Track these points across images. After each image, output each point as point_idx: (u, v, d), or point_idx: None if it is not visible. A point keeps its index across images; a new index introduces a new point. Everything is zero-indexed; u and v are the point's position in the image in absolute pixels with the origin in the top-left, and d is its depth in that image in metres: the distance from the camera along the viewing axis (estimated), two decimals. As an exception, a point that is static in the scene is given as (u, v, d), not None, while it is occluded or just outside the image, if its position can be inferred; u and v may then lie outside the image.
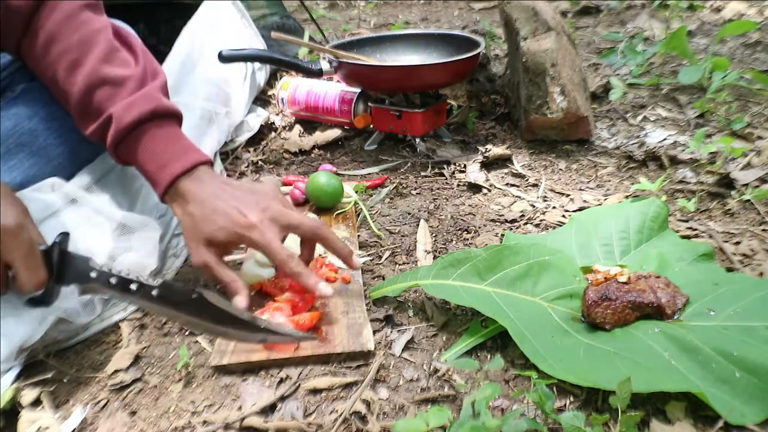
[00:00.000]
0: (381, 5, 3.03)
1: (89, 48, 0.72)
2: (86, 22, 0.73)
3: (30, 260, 0.60)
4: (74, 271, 0.63)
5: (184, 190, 0.70)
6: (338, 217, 0.96)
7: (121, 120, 0.70)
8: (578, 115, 1.15)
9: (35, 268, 0.60)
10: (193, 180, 0.71)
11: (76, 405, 0.61)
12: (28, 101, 0.77)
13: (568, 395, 0.58)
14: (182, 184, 0.70)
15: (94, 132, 0.72)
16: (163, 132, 0.72)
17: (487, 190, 1.05)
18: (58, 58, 0.72)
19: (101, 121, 0.71)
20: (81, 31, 0.72)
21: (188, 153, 0.72)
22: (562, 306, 0.66)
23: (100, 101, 0.71)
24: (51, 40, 0.72)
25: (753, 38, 1.86)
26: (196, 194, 0.70)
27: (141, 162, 0.72)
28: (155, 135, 0.71)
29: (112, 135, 0.71)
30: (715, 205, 0.95)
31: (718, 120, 1.26)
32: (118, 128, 0.70)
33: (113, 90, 0.71)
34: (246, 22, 1.36)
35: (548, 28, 1.18)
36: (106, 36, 0.74)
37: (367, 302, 0.74)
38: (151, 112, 0.71)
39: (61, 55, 0.72)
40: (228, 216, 0.68)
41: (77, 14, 0.73)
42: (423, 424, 0.52)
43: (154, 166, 0.71)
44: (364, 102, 1.26)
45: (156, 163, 0.71)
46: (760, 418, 0.52)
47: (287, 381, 0.62)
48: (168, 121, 0.73)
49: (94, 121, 0.72)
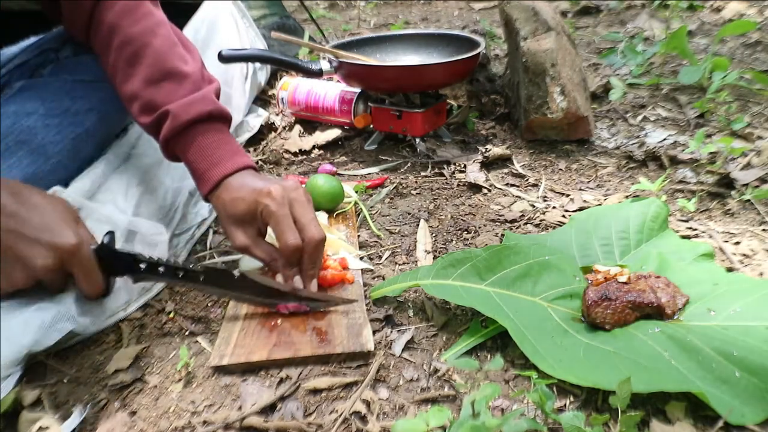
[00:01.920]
0: (381, 5, 3.03)
1: (150, 40, 0.74)
2: (146, 15, 0.76)
3: (90, 273, 0.64)
4: (125, 265, 0.68)
5: (226, 184, 0.72)
6: (338, 217, 0.96)
7: (179, 117, 0.72)
8: (578, 115, 1.15)
9: (94, 279, 0.65)
10: (235, 177, 0.73)
11: (76, 405, 0.60)
12: (27, 99, 0.77)
13: (568, 395, 0.58)
14: (227, 181, 0.73)
15: (149, 125, 0.75)
16: (216, 133, 0.74)
17: (487, 190, 1.05)
18: (120, 50, 0.74)
19: (158, 115, 0.73)
20: (142, 23, 0.75)
21: (237, 156, 0.74)
22: (562, 306, 0.66)
23: (158, 95, 0.73)
24: (112, 31, 0.74)
25: (753, 38, 1.86)
26: (232, 184, 0.72)
27: (192, 159, 0.74)
28: (209, 135, 0.74)
29: (166, 130, 0.73)
30: (715, 205, 0.95)
31: (718, 120, 1.26)
32: (175, 125, 0.72)
33: (172, 85, 0.73)
34: (246, 22, 1.36)
35: (548, 28, 1.18)
36: (166, 30, 0.77)
37: (367, 302, 0.74)
38: (208, 113, 0.73)
39: (122, 47, 0.74)
40: (252, 189, 0.71)
41: (138, 6, 0.76)
42: (423, 424, 0.52)
43: (205, 164, 0.73)
44: (364, 102, 1.26)
45: (208, 162, 0.73)
46: (760, 418, 0.52)
47: (287, 381, 0.62)
48: (221, 124, 0.76)
49: (151, 114, 0.74)
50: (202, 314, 0.74)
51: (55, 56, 0.86)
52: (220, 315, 0.74)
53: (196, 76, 0.76)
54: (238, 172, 0.73)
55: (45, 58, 0.86)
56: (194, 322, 0.73)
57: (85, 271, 0.63)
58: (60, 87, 0.80)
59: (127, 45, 0.74)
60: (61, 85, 0.81)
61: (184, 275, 0.68)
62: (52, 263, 0.60)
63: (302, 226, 0.70)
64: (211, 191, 0.73)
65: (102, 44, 0.76)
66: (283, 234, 0.69)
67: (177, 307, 0.75)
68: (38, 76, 0.84)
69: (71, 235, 0.62)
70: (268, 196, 0.70)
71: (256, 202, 0.70)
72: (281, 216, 0.69)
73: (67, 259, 0.61)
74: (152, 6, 0.78)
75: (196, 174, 0.75)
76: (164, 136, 0.73)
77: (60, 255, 0.61)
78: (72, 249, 0.61)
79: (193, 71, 0.76)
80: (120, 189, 0.81)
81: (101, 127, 0.82)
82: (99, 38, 0.76)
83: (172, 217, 0.89)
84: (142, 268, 0.67)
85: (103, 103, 0.81)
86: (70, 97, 0.79)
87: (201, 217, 0.94)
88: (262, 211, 0.70)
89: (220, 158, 0.73)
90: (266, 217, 0.70)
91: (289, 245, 0.69)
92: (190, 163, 0.74)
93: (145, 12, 0.76)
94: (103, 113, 0.82)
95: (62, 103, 0.78)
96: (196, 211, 0.94)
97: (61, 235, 0.61)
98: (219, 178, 0.72)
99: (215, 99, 0.76)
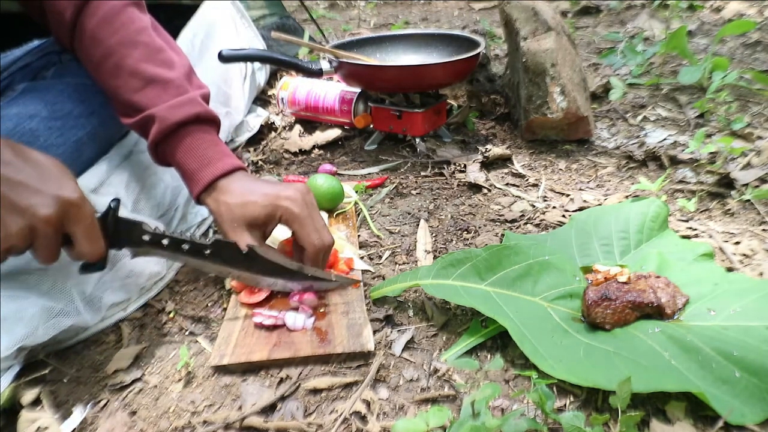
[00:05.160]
0: (381, 5, 3.03)
1: (129, 51, 0.73)
2: (126, 24, 0.75)
3: (91, 231, 0.61)
4: (127, 235, 0.65)
5: (221, 186, 0.72)
6: (338, 217, 0.96)
7: (166, 120, 0.72)
8: (578, 115, 1.15)
9: (96, 239, 0.61)
10: (230, 179, 0.73)
11: (76, 405, 0.60)
12: (29, 101, 0.77)
13: (568, 395, 0.58)
14: (220, 183, 0.72)
15: (133, 124, 0.74)
16: (204, 135, 0.74)
17: (487, 190, 1.05)
18: (102, 61, 0.74)
19: (142, 116, 0.73)
20: (121, 32, 0.74)
21: (228, 157, 0.74)
22: (562, 306, 0.66)
23: (142, 101, 0.73)
24: (93, 42, 0.74)
25: (753, 38, 1.86)
26: (231, 187, 0.72)
27: (181, 161, 0.73)
28: (197, 137, 0.73)
29: (154, 134, 0.72)
30: (715, 205, 0.95)
31: (718, 120, 1.26)
32: (162, 128, 0.72)
33: (156, 90, 0.73)
34: (246, 22, 1.36)
35: (548, 28, 1.18)
36: (148, 36, 0.76)
37: (367, 302, 0.74)
38: (195, 115, 0.73)
39: (104, 58, 0.74)
40: (264, 193, 0.71)
41: (118, 15, 0.75)
42: (423, 424, 0.52)
43: (195, 164, 0.73)
44: (364, 102, 1.26)
45: (198, 162, 0.73)
46: (760, 418, 0.52)
47: (287, 381, 0.62)
48: (209, 126, 0.75)
49: (135, 115, 0.74)
50: (202, 314, 0.74)
51: (58, 59, 0.86)
52: (220, 315, 0.74)
53: (181, 81, 0.75)
54: (231, 174, 0.73)
55: (48, 61, 0.86)
56: (194, 322, 0.73)
57: (87, 229, 0.60)
58: (63, 90, 0.80)
59: (108, 57, 0.73)
60: (64, 87, 0.80)
61: (190, 249, 0.67)
62: (54, 213, 0.57)
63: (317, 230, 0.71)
64: (203, 192, 0.73)
65: (84, 55, 0.75)
66: (309, 236, 0.70)
67: (177, 307, 0.75)
68: (41, 78, 0.84)
69: (76, 188, 0.60)
70: (288, 200, 0.70)
71: (274, 206, 0.70)
72: (305, 218, 0.70)
73: (70, 212, 0.58)
74: (135, 11, 0.77)
75: (186, 175, 0.74)
76: (153, 139, 0.73)
77: (63, 206, 0.57)
78: (77, 201, 0.58)
79: (177, 77, 0.75)
80: (121, 183, 0.81)
81: (103, 131, 0.82)
82: (83, 47, 0.75)
83: (173, 217, 0.89)
84: (146, 240, 0.66)
85: (105, 106, 0.81)
86: (72, 100, 0.79)
87: (201, 217, 0.94)
88: (282, 215, 0.70)
89: (211, 159, 0.73)
90: (289, 221, 0.71)
91: (316, 246, 0.70)
92: (180, 164, 0.74)
93: (125, 21, 0.75)
94: (105, 116, 0.82)
95: (65, 105, 0.78)
96: (196, 211, 0.94)
97: (66, 187, 0.58)
98: (211, 179, 0.72)
99: (203, 102, 0.75)
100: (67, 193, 0.58)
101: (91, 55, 0.74)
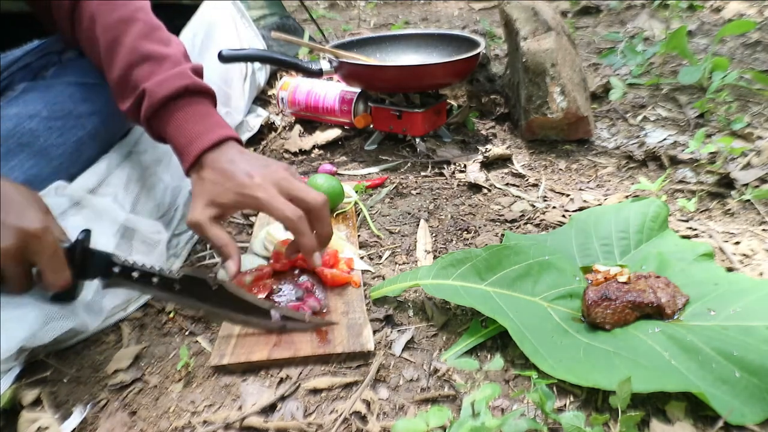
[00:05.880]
0: (381, 5, 3.03)
1: (128, 26, 0.74)
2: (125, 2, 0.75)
3: (55, 262, 0.60)
4: (97, 267, 0.64)
5: (207, 160, 0.71)
6: (338, 217, 0.96)
7: (155, 94, 0.71)
8: (578, 115, 1.15)
9: (60, 269, 0.60)
10: (216, 152, 0.72)
11: (76, 405, 0.60)
12: (29, 101, 0.77)
13: (568, 395, 0.58)
14: (207, 156, 0.71)
15: (129, 108, 0.74)
16: (195, 108, 0.73)
17: (487, 190, 1.05)
18: (100, 37, 0.74)
19: (136, 95, 0.73)
20: (120, 10, 0.75)
21: (217, 128, 0.73)
22: (562, 306, 0.66)
23: (138, 77, 0.73)
24: (92, 20, 0.74)
25: (753, 38, 1.86)
26: (214, 162, 0.71)
27: (171, 136, 0.73)
28: (187, 111, 0.73)
29: (145, 109, 0.72)
30: (715, 205, 0.95)
31: (718, 120, 1.26)
32: (151, 102, 0.72)
33: (152, 66, 0.73)
34: (246, 22, 1.36)
35: (548, 28, 1.18)
36: (146, 14, 0.76)
37: (367, 302, 0.74)
38: (184, 87, 0.72)
39: (102, 34, 0.74)
40: (235, 178, 0.69)
41: None
42: (423, 424, 0.52)
43: (184, 140, 0.72)
44: (364, 102, 1.26)
45: (186, 137, 0.72)
46: (760, 418, 0.52)
47: (287, 381, 0.62)
48: (201, 98, 0.74)
49: (131, 96, 0.73)
50: (202, 314, 0.74)
51: (59, 59, 0.86)
52: (220, 315, 0.74)
53: (177, 57, 0.75)
54: (219, 147, 0.71)
55: (48, 61, 0.86)
56: (194, 322, 0.73)
57: (50, 260, 0.59)
58: (63, 89, 0.80)
59: (107, 33, 0.74)
60: (64, 87, 0.80)
61: (159, 282, 0.65)
62: (12, 246, 0.56)
63: (296, 197, 0.69)
64: (190, 168, 0.72)
65: (85, 36, 0.76)
66: (277, 212, 0.67)
67: (177, 307, 0.75)
68: (41, 78, 0.84)
69: (37, 219, 0.58)
70: (253, 188, 0.68)
71: (240, 195, 0.68)
72: (269, 198, 0.68)
73: (31, 244, 0.57)
74: None
75: (177, 151, 0.73)
76: (144, 116, 0.73)
77: (23, 238, 0.56)
78: (37, 233, 0.57)
79: (174, 53, 0.75)
80: (120, 183, 0.81)
81: (104, 130, 0.82)
82: (83, 31, 0.76)
83: (173, 217, 0.89)
84: (116, 272, 0.64)
85: (106, 106, 0.81)
86: (73, 99, 0.79)
87: (201, 217, 0.94)
88: (250, 202, 0.69)
89: (200, 132, 0.72)
90: (258, 208, 0.70)
91: (288, 217, 0.67)
92: (171, 140, 0.73)
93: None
94: (105, 116, 0.82)
95: (65, 105, 0.78)
96: (196, 211, 0.94)
97: (26, 218, 0.57)
98: (198, 153, 0.71)
99: (192, 75, 0.74)
100: (27, 223, 0.57)
101: (92, 36, 0.75)
